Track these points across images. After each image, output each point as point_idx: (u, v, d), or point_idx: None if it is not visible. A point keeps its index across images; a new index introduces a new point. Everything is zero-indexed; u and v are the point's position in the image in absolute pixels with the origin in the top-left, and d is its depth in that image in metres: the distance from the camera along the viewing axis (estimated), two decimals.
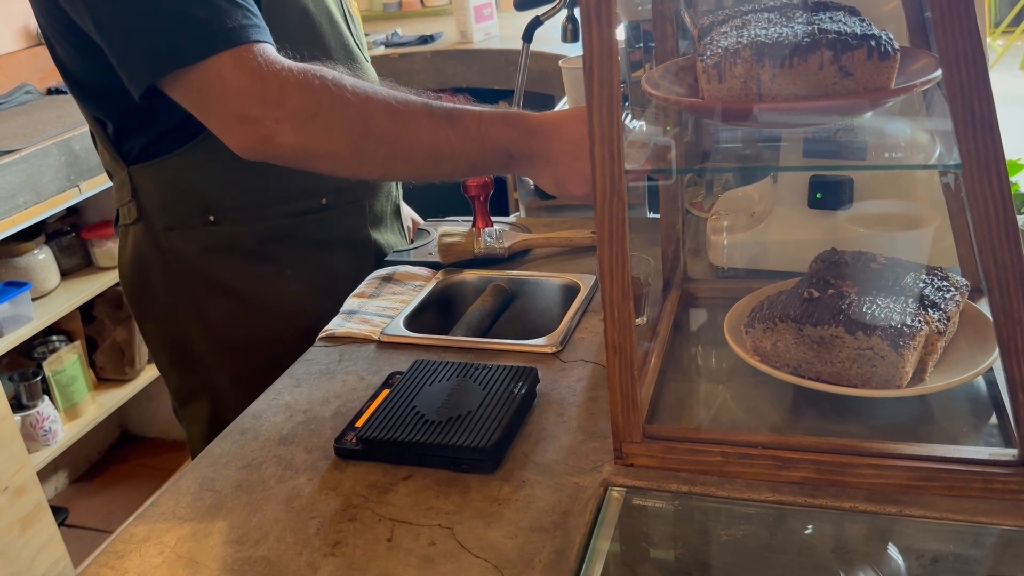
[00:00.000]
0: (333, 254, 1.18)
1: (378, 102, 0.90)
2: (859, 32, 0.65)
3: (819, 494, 0.69)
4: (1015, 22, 5.14)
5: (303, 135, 0.87)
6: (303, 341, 1.05)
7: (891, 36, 0.66)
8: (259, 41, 0.88)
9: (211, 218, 1.10)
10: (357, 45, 1.17)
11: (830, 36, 0.65)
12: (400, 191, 1.32)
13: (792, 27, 0.68)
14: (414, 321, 1.07)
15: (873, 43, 0.64)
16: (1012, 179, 1.40)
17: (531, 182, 1.46)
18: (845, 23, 0.68)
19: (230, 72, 0.85)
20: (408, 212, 1.43)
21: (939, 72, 0.58)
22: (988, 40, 5.10)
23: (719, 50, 0.69)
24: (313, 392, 0.93)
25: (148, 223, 1.11)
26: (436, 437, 0.78)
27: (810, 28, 0.67)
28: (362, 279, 1.17)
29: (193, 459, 1.22)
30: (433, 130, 0.90)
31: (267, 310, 1.14)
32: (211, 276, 1.12)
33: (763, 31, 0.69)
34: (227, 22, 0.86)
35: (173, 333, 1.16)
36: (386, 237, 1.26)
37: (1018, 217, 1.37)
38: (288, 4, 1.06)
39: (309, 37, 1.08)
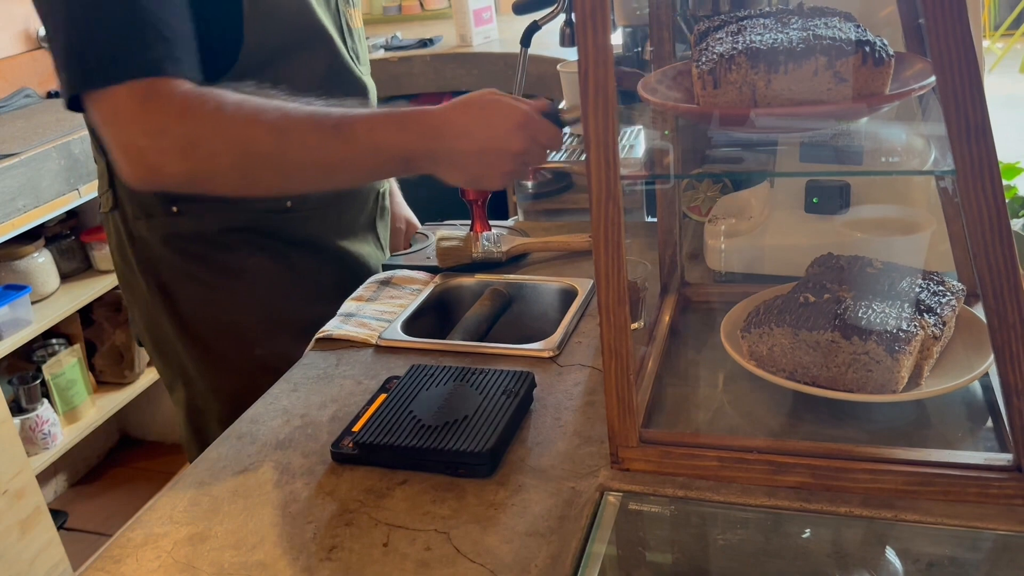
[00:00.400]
0: (296, 254, 1.17)
1: (263, 123, 0.88)
2: (854, 38, 0.65)
3: (815, 499, 0.69)
4: (1015, 24, 5.14)
5: (188, 163, 0.87)
6: (265, 330, 1.11)
7: (885, 42, 0.66)
8: (169, 75, 0.88)
9: (174, 208, 1.10)
10: (353, 58, 1.15)
11: (825, 42, 0.65)
12: (382, 203, 1.30)
13: (787, 33, 0.69)
14: (412, 325, 1.07)
15: (868, 49, 0.64)
16: (1011, 182, 1.41)
17: (528, 184, 1.46)
18: (840, 29, 0.68)
19: (125, 102, 0.86)
20: (404, 214, 1.43)
21: (934, 77, 0.58)
22: (988, 42, 5.11)
23: (715, 56, 0.69)
24: (310, 396, 0.93)
25: (122, 211, 1.14)
26: (433, 442, 0.78)
27: (805, 34, 0.67)
28: (323, 282, 1.18)
29: (184, 446, 1.24)
30: (320, 144, 0.89)
31: (229, 297, 1.14)
32: (175, 263, 1.13)
33: (758, 37, 0.69)
34: (142, 54, 0.87)
35: (150, 318, 1.18)
36: (358, 248, 1.24)
37: (1016, 220, 1.37)
38: (278, 14, 1.04)
39: (297, 46, 1.07)
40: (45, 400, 2.20)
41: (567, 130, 1.32)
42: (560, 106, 1.00)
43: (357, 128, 0.89)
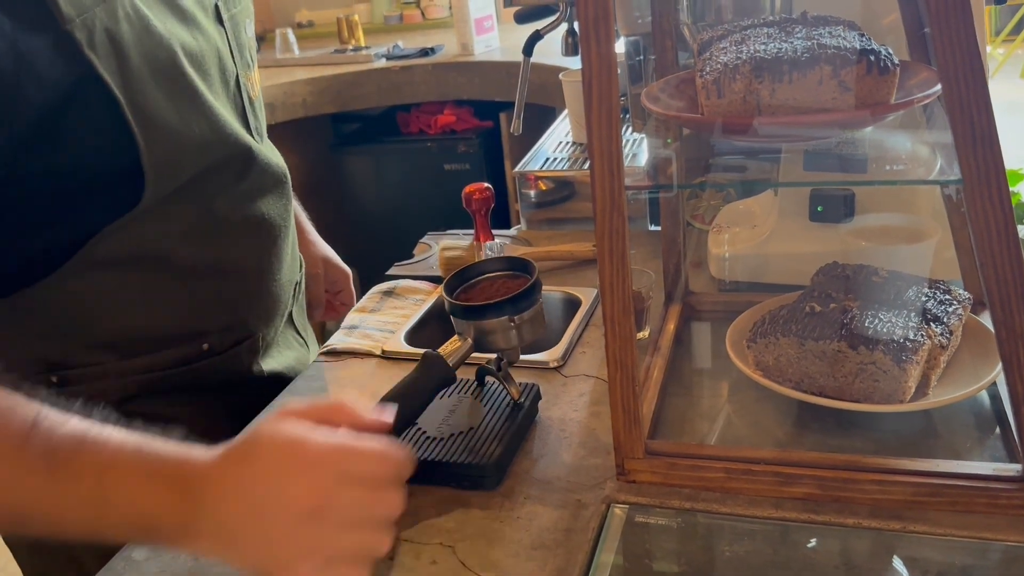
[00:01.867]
0: (213, 401, 0.95)
1: None
2: (858, 47, 0.65)
3: (822, 510, 0.68)
4: (1015, 31, 5.15)
5: None
6: None
7: (890, 51, 0.66)
8: None
9: (53, 379, 0.86)
10: (257, 139, 0.95)
11: (829, 51, 0.65)
12: (297, 297, 1.08)
13: (791, 42, 0.68)
14: (415, 335, 1.07)
15: (872, 58, 0.64)
16: (1013, 189, 1.40)
17: (532, 194, 1.46)
18: (844, 38, 0.68)
19: None
20: (321, 254, 1.23)
21: (939, 86, 0.58)
22: (989, 48, 5.12)
23: (718, 65, 0.69)
24: None
25: None
26: (438, 454, 0.78)
27: (809, 43, 0.67)
28: (246, 422, 0.89)
29: None
30: (14, 479, 0.59)
31: None
32: None
33: (762, 46, 0.69)
34: None
35: None
36: (280, 359, 1.03)
37: (1020, 227, 1.37)
38: (182, 148, 0.83)
39: (207, 167, 0.86)
40: None
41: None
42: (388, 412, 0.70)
43: (82, 467, 0.59)
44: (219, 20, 0.89)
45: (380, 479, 0.60)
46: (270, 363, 1.01)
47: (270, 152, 0.97)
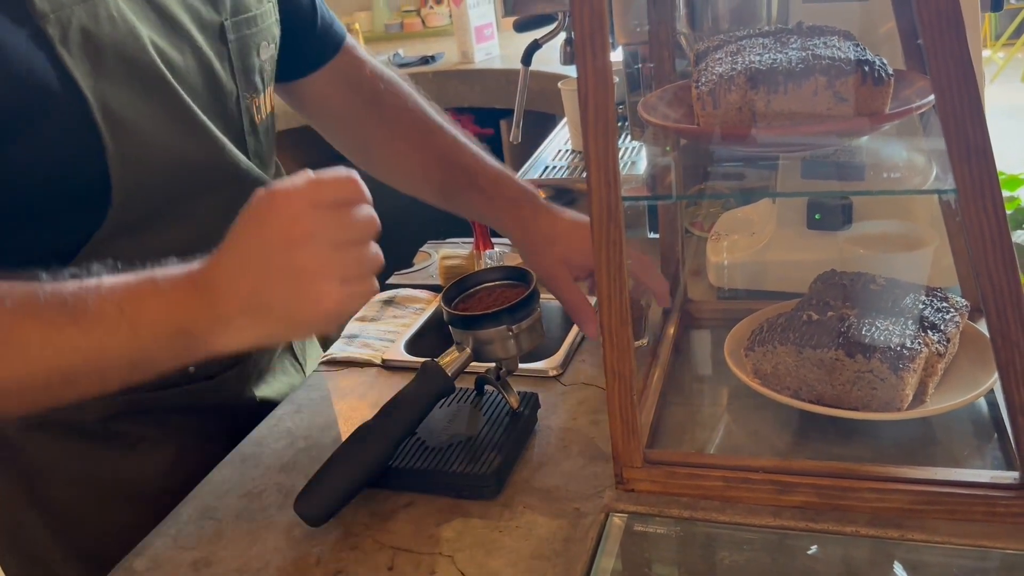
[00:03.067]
0: (203, 423, 0.93)
1: None
2: (853, 57, 0.65)
3: (821, 519, 0.69)
4: (1016, 34, 5.15)
5: None
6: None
7: (885, 61, 0.67)
8: None
9: None
10: (259, 166, 0.91)
11: (824, 62, 0.65)
12: None
13: (786, 53, 0.69)
14: (415, 345, 1.07)
15: (867, 68, 0.64)
16: (1013, 193, 1.41)
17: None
18: (839, 48, 0.68)
19: None
20: None
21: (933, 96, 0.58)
22: (989, 52, 5.12)
23: (714, 76, 0.69)
24: (314, 418, 0.93)
25: None
26: (437, 463, 0.78)
27: (804, 54, 0.67)
28: (236, 444, 0.92)
29: None
30: (45, 338, 0.61)
31: (118, 494, 0.89)
32: (41, 457, 0.88)
33: (758, 57, 0.69)
34: None
35: (3, 517, 0.92)
36: (274, 386, 1.02)
37: (1019, 232, 1.36)
38: (154, 164, 0.79)
39: (190, 189, 0.84)
40: None
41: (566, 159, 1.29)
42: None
43: (100, 305, 0.61)
44: (223, 39, 0.86)
45: (350, 199, 0.64)
46: (263, 389, 0.99)
47: (274, 179, 0.94)
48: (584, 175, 1.41)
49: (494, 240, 1.24)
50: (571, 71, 1.79)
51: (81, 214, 0.77)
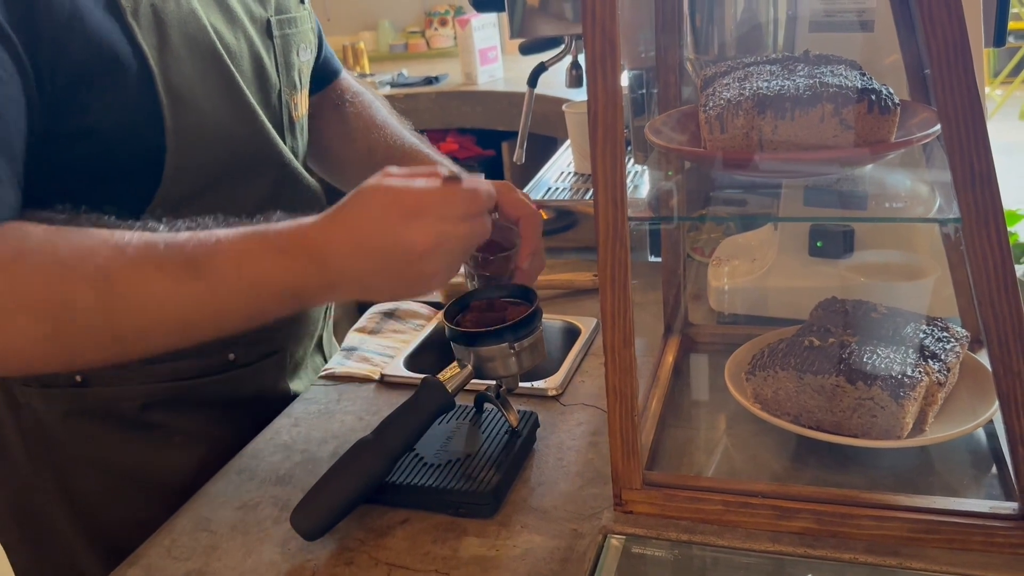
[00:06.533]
0: (237, 416, 0.95)
1: (79, 271, 0.64)
2: (860, 86, 0.66)
3: (819, 545, 0.68)
4: (1015, 72, 5.20)
5: None
6: None
7: (891, 90, 0.67)
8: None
9: (77, 378, 0.86)
10: (299, 160, 0.97)
11: (831, 90, 0.66)
12: (327, 322, 1.11)
13: (794, 80, 0.70)
14: (415, 360, 1.07)
15: (873, 97, 0.65)
16: (1011, 228, 1.42)
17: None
18: (846, 77, 0.69)
19: None
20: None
21: (939, 126, 0.59)
22: (988, 89, 5.17)
23: (721, 101, 0.70)
24: (311, 432, 0.93)
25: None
26: (434, 480, 0.78)
27: (811, 81, 0.68)
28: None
29: None
30: (168, 290, 0.65)
31: (148, 487, 0.91)
32: (76, 445, 0.90)
33: (765, 83, 0.70)
34: None
35: (29, 505, 0.94)
36: (306, 381, 1.05)
37: (1018, 267, 1.37)
38: (209, 136, 0.83)
39: (235, 169, 0.88)
40: None
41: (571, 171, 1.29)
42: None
43: (220, 262, 0.66)
44: (269, 34, 0.92)
45: (474, 213, 0.70)
46: (297, 384, 1.03)
47: (308, 174, 0.99)
48: (587, 196, 1.42)
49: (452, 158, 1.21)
50: (575, 94, 1.80)
51: (134, 185, 0.80)
